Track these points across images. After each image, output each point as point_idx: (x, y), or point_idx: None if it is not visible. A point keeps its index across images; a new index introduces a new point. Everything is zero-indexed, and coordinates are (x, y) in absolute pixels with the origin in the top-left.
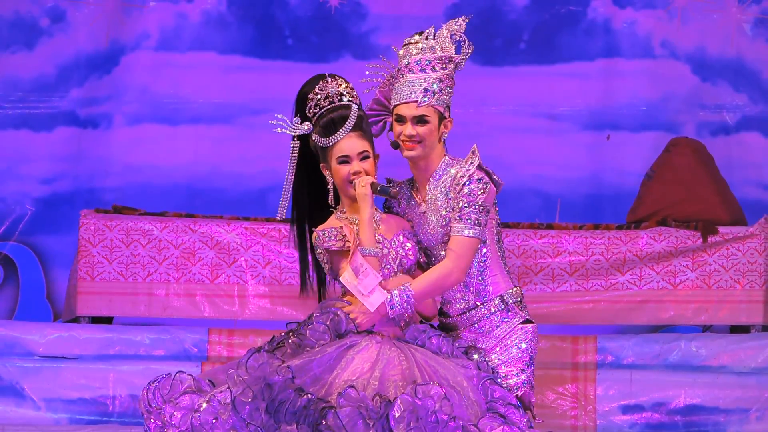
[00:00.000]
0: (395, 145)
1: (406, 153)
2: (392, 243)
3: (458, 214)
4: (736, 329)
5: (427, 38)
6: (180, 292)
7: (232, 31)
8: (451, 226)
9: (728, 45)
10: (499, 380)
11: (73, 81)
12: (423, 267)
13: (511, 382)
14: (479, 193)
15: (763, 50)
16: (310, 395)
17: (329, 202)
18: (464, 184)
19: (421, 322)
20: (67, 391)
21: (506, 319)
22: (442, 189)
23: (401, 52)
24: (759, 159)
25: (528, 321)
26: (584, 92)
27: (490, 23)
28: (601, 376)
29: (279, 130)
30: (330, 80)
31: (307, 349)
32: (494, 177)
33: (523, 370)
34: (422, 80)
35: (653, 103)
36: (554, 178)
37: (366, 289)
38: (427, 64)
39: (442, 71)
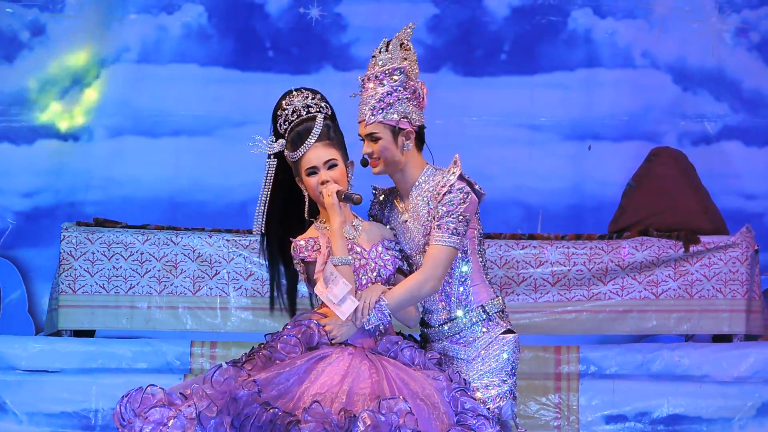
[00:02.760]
0: (363, 163)
1: (373, 170)
2: (370, 253)
3: (437, 223)
4: (718, 338)
5: (380, 51)
6: (162, 304)
7: (213, 43)
8: (430, 233)
9: (709, 55)
10: (470, 391)
11: (53, 94)
12: (406, 274)
13: (492, 392)
14: (459, 202)
15: (744, 60)
16: (276, 409)
17: (305, 215)
18: (444, 194)
19: (400, 333)
20: (49, 405)
21: (487, 330)
22: (424, 198)
23: None
24: (740, 168)
25: (509, 331)
26: (565, 102)
27: (470, 34)
28: (584, 386)
29: (255, 150)
30: (296, 94)
31: (277, 362)
32: (476, 187)
33: (504, 381)
34: (371, 97)
35: (634, 113)
36: (536, 188)
37: (336, 297)
38: (375, 80)
39: (390, 84)
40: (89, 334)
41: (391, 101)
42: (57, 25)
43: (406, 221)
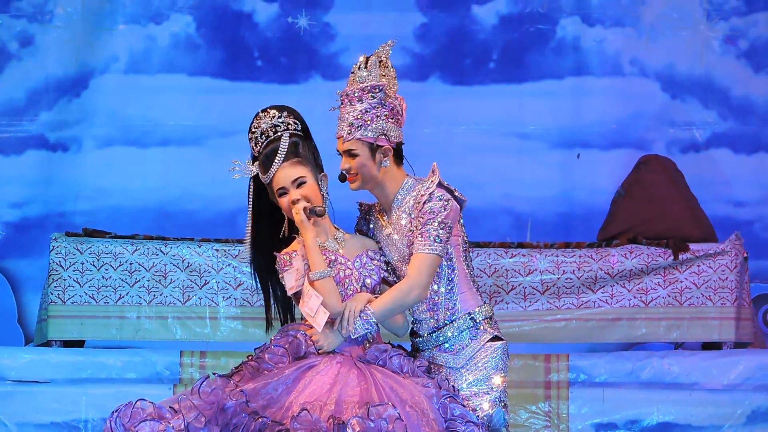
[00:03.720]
0: (341, 178)
1: (350, 186)
2: (354, 264)
3: (419, 231)
4: (708, 346)
5: (360, 68)
6: (151, 314)
7: (202, 53)
8: (414, 242)
9: (697, 62)
10: (460, 398)
11: (42, 104)
12: (392, 285)
13: (482, 400)
14: (439, 210)
15: (732, 67)
16: (265, 418)
17: (281, 234)
18: (424, 203)
19: (389, 342)
20: (39, 416)
21: (474, 337)
22: (405, 210)
23: None
24: (729, 176)
25: (497, 338)
26: (554, 111)
27: (459, 43)
28: (573, 394)
29: (235, 176)
30: (263, 115)
31: (265, 372)
32: (456, 194)
33: (493, 388)
34: (349, 113)
35: (623, 121)
36: (525, 196)
37: (312, 310)
38: (354, 96)
39: (369, 101)
40: (79, 344)
41: (369, 118)
42: (45, 36)
43: (390, 234)
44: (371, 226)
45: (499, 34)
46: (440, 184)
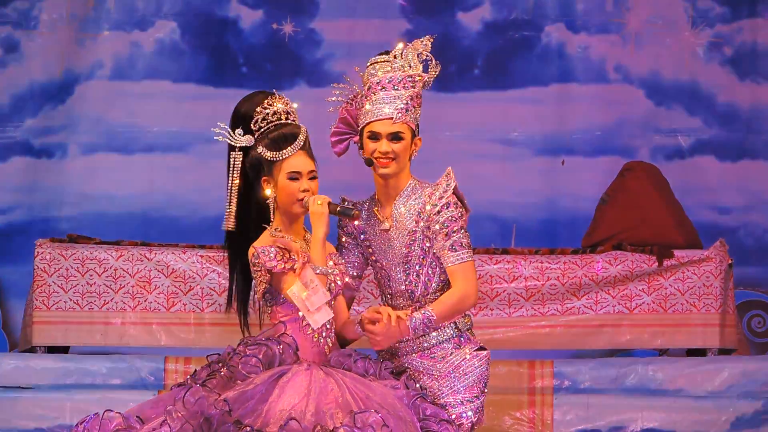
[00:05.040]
0: (369, 162)
1: (381, 170)
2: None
3: (449, 243)
4: (692, 353)
5: (395, 57)
6: (136, 320)
7: (186, 60)
8: (444, 256)
9: (682, 69)
10: (429, 397)
11: (27, 111)
12: (351, 287)
13: (468, 407)
14: (458, 217)
15: (717, 74)
16: (249, 428)
17: (271, 217)
18: (442, 206)
19: (342, 347)
20: (23, 421)
21: (459, 346)
22: (412, 210)
23: (369, 71)
24: (713, 182)
25: (481, 348)
26: (538, 117)
27: (443, 49)
28: (558, 400)
29: (221, 138)
30: (279, 98)
31: (238, 381)
32: (465, 202)
33: (477, 396)
34: (396, 97)
35: (607, 128)
36: (509, 203)
37: (313, 305)
38: (398, 82)
39: (412, 89)
40: (63, 350)
41: (415, 105)
42: (31, 42)
43: (387, 230)
44: (361, 222)
45: (484, 40)
46: (455, 190)
